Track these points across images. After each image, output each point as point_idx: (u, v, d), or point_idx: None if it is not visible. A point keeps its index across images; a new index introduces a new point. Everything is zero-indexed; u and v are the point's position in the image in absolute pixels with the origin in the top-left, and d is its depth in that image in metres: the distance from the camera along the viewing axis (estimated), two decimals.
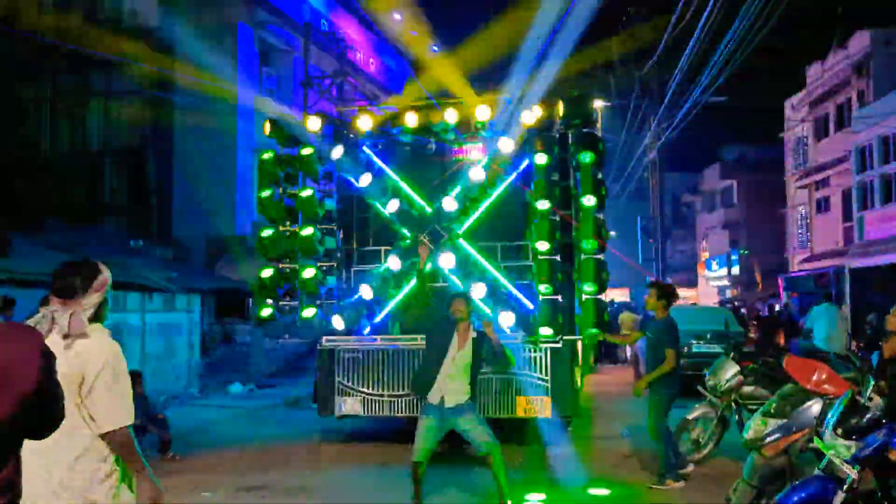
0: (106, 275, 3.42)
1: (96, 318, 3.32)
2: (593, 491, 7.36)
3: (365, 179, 9.60)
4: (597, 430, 10.62)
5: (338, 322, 9.25)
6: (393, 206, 9.55)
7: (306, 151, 9.84)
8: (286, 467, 8.50)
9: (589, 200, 8.70)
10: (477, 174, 9.21)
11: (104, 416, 3.10)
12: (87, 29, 19.23)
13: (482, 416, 6.59)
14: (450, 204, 9.23)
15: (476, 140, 9.86)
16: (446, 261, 8.96)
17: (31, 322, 3.10)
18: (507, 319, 8.65)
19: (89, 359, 3.10)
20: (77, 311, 3.17)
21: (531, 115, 8.90)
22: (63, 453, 3.04)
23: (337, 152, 9.60)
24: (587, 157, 8.79)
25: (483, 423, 6.46)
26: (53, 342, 2.92)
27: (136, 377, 9.52)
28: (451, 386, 6.32)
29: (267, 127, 9.89)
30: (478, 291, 8.65)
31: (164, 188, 19.63)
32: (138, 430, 8.94)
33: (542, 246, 8.62)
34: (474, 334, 6.48)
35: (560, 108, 8.88)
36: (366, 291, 9.46)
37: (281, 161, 9.99)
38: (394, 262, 9.38)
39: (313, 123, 9.72)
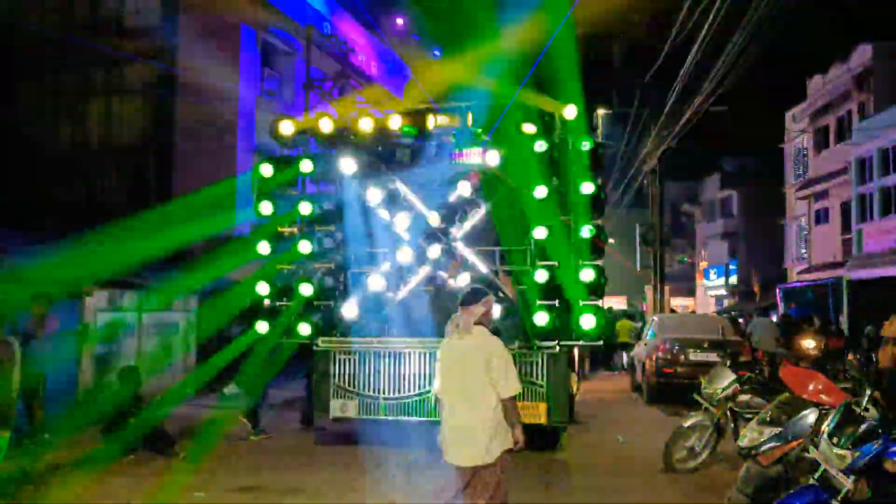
0: (489, 296, 5.03)
1: (483, 323, 4.92)
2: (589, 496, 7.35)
3: (368, 187, 9.60)
4: (592, 438, 10.59)
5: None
6: (393, 210, 9.55)
7: (306, 152, 9.86)
8: (280, 468, 8.48)
9: (586, 187, 8.72)
10: (476, 178, 9.22)
11: (504, 388, 4.76)
12: (88, 27, 19.27)
13: None
14: (448, 208, 9.25)
15: (476, 144, 9.85)
16: (434, 253, 9.03)
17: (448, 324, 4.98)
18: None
19: (480, 350, 4.77)
20: (469, 315, 4.87)
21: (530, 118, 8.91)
22: (481, 411, 4.73)
23: (344, 166, 9.58)
24: (586, 145, 8.80)
25: None
26: (453, 337, 4.90)
27: (132, 372, 9.55)
28: None
29: (278, 128, 9.84)
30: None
31: (164, 187, 19.58)
32: (135, 428, 8.97)
33: (540, 233, 8.64)
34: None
35: (566, 112, 8.88)
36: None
37: (280, 163, 9.98)
38: (391, 265, 9.39)
39: (325, 125, 9.70)
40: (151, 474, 8.19)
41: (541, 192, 8.72)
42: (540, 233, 8.71)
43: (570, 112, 8.87)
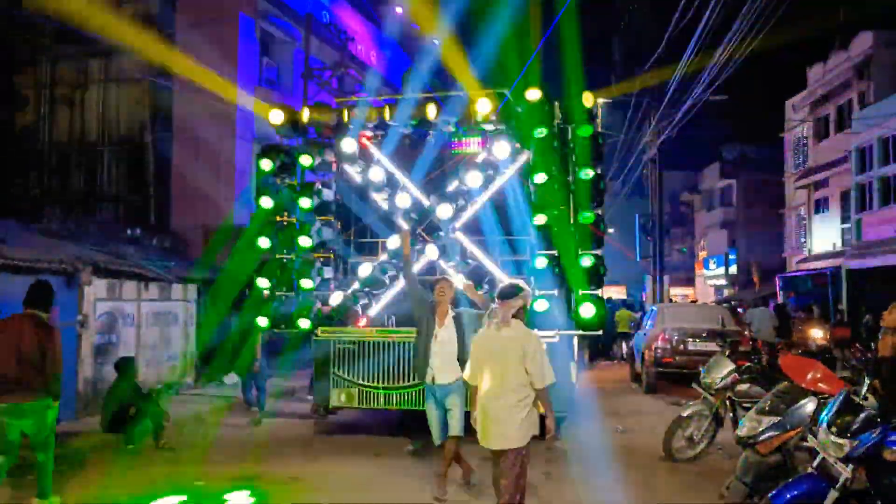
0: (526, 291, 5.32)
1: (518, 317, 5.23)
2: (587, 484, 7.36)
3: (369, 173, 9.57)
4: (592, 427, 10.61)
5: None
6: (392, 198, 9.54)
7: (305, 141, 9.83)
8: (280, 458, 8.50)
9: (587, 174, 8.69)
10: (475, 167, 9.20)
11: (538, 379, 5.07)
12: (85, 16, 19.18)
13: (464, 408, 6.67)
14: (448, 198, 9.23)
15: (475, 133, 9.83)
16: (434, 252, 9.04)
17: (486, 313, 5.35)
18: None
19: (516, 341, 5.07)
20: (507, 308, 5.14)
21: (532, 95, 8.87)
22: (514, 398, 5.05)
23: (345, 145, 9.56)
24: (586, 131, 8.77)
25: (461, 412, 6.63)
26: (491, 328, 5.23)
27: (129, 363, 9.54)
28: (438, 363, 6.65)
29: (272, 117, 9.81)
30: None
31: (163, 177, 19.56)
32: (135, 418, 8.99)
33: (540, 219, 8.63)
34: (453, 313, 6.80)
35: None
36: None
37: (279, 153, 9.95)
38: (389, 255, 9.39)
39: (308, 115, 9.70)
40: (151, 464, 8.21)
41: (540, 178, 8.69)
42: (539, 220, 8.69)
43: (587, 100, 8.83)
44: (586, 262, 8.60)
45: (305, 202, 9.65)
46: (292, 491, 7.18)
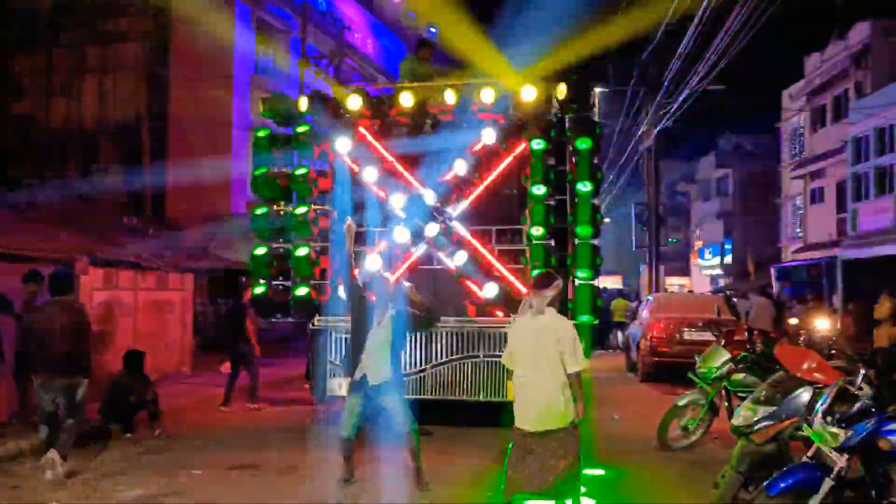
0: (559, 280, 5.49)
1: (552, 305, 5.40)
2: (586, 471, 7.39)
3: (365, 162, 9.55)
4: (587, 415, 10.61)
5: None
6: (388, 187, 9.52)
7: (301, 129, 9.79)
8: (277, 446, 8.52)
9: (585, 186, 8.68)
10: (473, 156, 9.19)
11: (571, 363, 5.25)
12: (82, 4, 19.09)
13: (406, 400, 6.76)
14: (444, 187, 9.22)
15: (472, 122, 9.79)
16: (431, 231, 9.04)
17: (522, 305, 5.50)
18: (490, 291, 8.71)
19: (551, 328, 5.28)
20: (540, 298, 5.32)
21: (528, 95, 8.87)
22: (552, 381, 5.26)
23: (342, 134, 9.54)
24: (584, 143, 8.76)
25: (405, 406, 6.64)
26: (526, 316, 5.38)
27: (138, 356, 9.55)
28: (371, 363, 6.52)
29: (260, 105, 9.82)
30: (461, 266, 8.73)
31: (159, 165, 19.52)
32: (135, 407, 9.02)
33: (537, 231, 8.61)
34: (392, 311, 6.62)
35: (558, 91, 8.88)
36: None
37: (276, 139, 9.94)
38: (387, 244, 9.38)
39: (305, 104, 9.70)
40: (148, 452, 8.23)
41: (538, 190, 8.70)
42: (537, 231, 8.69)
43: (561, 91, 8.86)
44: (583, 275, 8.65)
45: (302, 186, 9.61)
46: (290, 479, 7.20)
